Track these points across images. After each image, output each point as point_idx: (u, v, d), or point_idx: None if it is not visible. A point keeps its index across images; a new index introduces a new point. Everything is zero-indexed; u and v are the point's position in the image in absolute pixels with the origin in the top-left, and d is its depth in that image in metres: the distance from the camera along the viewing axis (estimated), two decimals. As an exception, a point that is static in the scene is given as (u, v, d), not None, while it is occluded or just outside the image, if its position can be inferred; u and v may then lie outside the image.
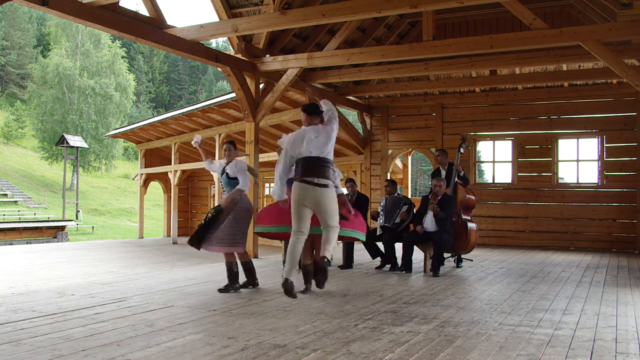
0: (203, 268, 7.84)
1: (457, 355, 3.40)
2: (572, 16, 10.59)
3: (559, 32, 7.70)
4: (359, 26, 10.98)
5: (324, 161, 4.98)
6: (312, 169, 4.92)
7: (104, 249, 16.74)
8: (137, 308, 4.80)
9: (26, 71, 55.35)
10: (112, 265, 12.61)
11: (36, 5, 6.25)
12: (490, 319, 4.49)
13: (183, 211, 22.67)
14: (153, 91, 67.98)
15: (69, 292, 5.63)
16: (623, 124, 11.40)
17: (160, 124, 17.59)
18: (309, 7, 8.74)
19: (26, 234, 26.06)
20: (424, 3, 6.96)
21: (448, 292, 5.84)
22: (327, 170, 4.98)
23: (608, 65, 7.94)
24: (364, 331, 4.01)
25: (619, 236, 11.35)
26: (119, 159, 50.25)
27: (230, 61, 9.14)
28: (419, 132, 13.23)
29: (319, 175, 4.91)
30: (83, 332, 3.92)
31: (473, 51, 8.56)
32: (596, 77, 10.78)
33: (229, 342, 3.66)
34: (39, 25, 62.62)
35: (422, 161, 44.29)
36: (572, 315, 4.66)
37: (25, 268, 12.06)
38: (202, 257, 14.49)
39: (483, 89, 12.46)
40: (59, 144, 35.53)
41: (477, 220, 11.22)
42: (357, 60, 9.34)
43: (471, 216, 7.96)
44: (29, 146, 49.83)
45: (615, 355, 3.46)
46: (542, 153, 12.06)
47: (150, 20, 7.92)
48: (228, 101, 13.16)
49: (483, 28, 11.48)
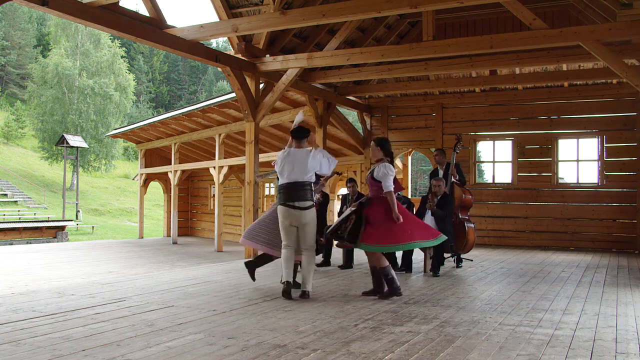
0: (203, 268, 7.84)
1: (457, 355, 3.40)
2: (572, 16, 10.59)
3: (559, 32, 7.70)
4: (359, 26, 10.98)
5: (303, 185, 5.40)
6: (292, 194, 5.37)
7: (104, 249, 16.74)
8: (137, 308, 4.80)
9: (26, 71, 55.32)
10: (112, 265, 12.61)
11: (36, 5, 6.25)
12: (490, 319, 4.49)
13: (183, 211, 22.68)
14: (153, 91, 67.97)
15: (69, 292, 5.63)
16: (623, 124, 11.40)
17: (160, 124, 17.59)
18: (309, 7, 8.74)
19: (26, 234, 26.05)
20: (424, 3, 6.96)
21: (448, 292, 5.84)
22: (307, 193, 5.41)
23: (608, 65, 7.94)
24: (364, 331, 4.01)
25: (619, 236, 11.35)
26: (119, 159, 50.25)
27: (230, 61, 9.14)
28: (419, 132, 13.23)
29: (299, 199, 5.36)
30: (83, 332, 3.92)
31: (473, 51, 8.56)
32: (596, 77, 10.78)
33: (229, 342, 3.66)
34: (39, 25, 62.61)
35: (422, 161, 44.28)
36: (572, 315, 4.66)
37: (25, 268, 12.07)
38: (201, 257, 14.49)
39: (483, 89, 12.46)
40: (59, 144, 35.53)
41: (477, 220, 11.27)
42: (357, 60, 9.34)
43: (469, 216, 7.97)
44: (29, 146, 49.83)
45: (615, 355, 3.46)
46: (542, 153, 12.06)
47: (150, 20, 7.92)
48: (228, 101, 13.17)
49: (483, 28, 11.48)
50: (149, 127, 18.41)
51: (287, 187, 5.39)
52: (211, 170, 16.47)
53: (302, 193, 5.36)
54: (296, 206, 5.33)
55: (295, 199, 5.33)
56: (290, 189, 5.37)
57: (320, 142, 11.80)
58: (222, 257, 14.34)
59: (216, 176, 16.11)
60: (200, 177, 22.40)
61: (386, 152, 5.50)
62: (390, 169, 5.40)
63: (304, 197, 5.36)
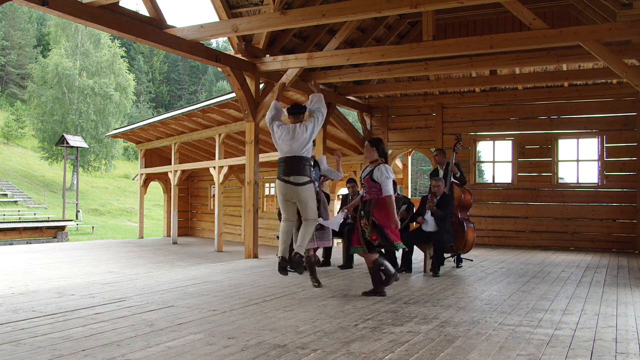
0: (203, 268, 7.84)
1: (457, 355, 3.40)
2: (572, 16, 10.59)
3: (559, 32, 7.70)
4: (359, 26, 10.98)
5: (299, 159, 5.39)
6: (288, 168, 5.39)
7: (104, 249, 16.75)
8: (137, 308, 4.80)
9: (26, 71, 55.31)
10: (112, 265, 12.61)
11: (36, 5, 6.25)
12: (490, 319, 4.49)
13: (183, 211, 22.69)
14: (153, 91, 67.97)
15: (69, 292, 5.63)
16: (623, 124, 11.40)
17: (160, 124, 17.59)
18: (309, 7, 8.74)
19: (26, 234, 26.05)
20: (424, 3, 6.96)
21: (448, 292, 5.84)
22: (303, 168, 5.39)
23: (608, 65, 7.94)
24: (364, 331, 4.01)
25: (619, 236, 11.35)
26: (119, 159, 50.25)
27: (230, 61, 9.14)
28: (419, 132, 13.23)
29: (295, 173, 5.35)
30: (83, 332, 3.91)
31: (473, 51, 8.56)
32: (596, 77, 10.78)
33: (229, 342, 3.66)
34: (39, 25, 62.61)
35: (422, 161, 44.29)
36: (572, 315, 4.66)
37: (25, 268, 12.07)
38: (201, 257, 14.49)
39: (483, 89, 12.46)
40: (59, 144, 35.52)
41: (477, 220, 11.27)
42: (357, 60, 9.34)
43: (469, 216, 7.97)
44: (29, 146, 49.83)
45: (615, 355, 3.46)
46: (542, 153, 12.06)
47: (150, 20, 7.92)
48: (228, 101, 13.17)
49: (483, 28, 11.48)
50: (149, 127, 18.41)
51: (283, 162, 5.43)
52: (211, 170, 16.47)
53: (297, 167, 5.36)
54: (291, 181, 5.35)
55: (290, 173, 5.35)
56: (286, 164, 5.40)
57: (320, 142, 11.81)
58: (222, 257, 14.34)
59: (216, 176, 16.11)
60: (200, 177, 22.41)
61: (381, 152, 5.49)
62: (391, 172, 5.41)
63: (298, 172, 5.36)
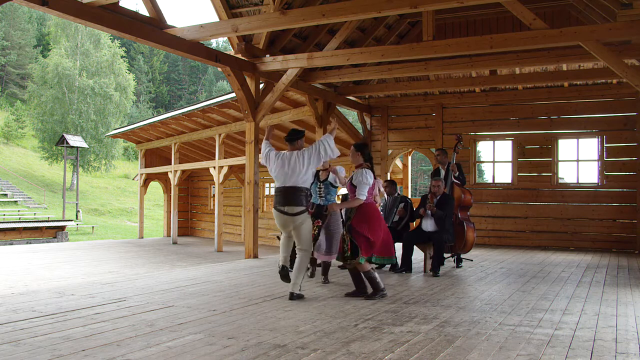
0: (203, 268, 7.84)
1: (457, 355, 3.40)
2: (572, 16, 10.59)
3: (559, 32, 7.70)
4: (359, 26, 10.98)
5: (294, 190, 5.33)
6: (283, 198, 5.35)
7: (104, 249, 16.75)
8: (137, 308, 4.80)
9: (26, 71, 55.33)
10: (112, 265, 12.62)
11: (36, 5, 6.25)
12: (490, 319, 4.49)
13: (183, 211, 22.69)
14: (153, 91, 67.98)
15: (69, 292, 5.63)
16: (623, 124, 11.40)
17: (160, 124, 17.60)
18: (309, 7, 8.74)
19: (26, 234, 26.05)
20: (424, 3, 6.96)
21: (448, 292, 5.84)
22: (299, 198, 5.32)
23: (608, 65, 7.93)
24: (364, 331, 4.01)
25: (619, 236, 11.35)
26: (119, 159, 50.24)
27: (230, 61, 9.14)
28: (419, 132, 13.23)
29: (290, 203, 5.30)
30: (83, 332, 3.91)
31: (473, 51, 8.55)
32: (596, 77, 10.77)
33: (229, 342, 3.66)
34: (39, 25, 62.60)
35: (422, 161, 44.29)
36: (572, 315, 4.66)
37: (25, 268, 12.08)
38: (201, 257, 14.50)
39: (483, 89, 12.46)
40: (59, 144, 35.53)
41: (477, 220, 11.27)
42: (357, 60, 9.33)
43: (469, 215, 7.96)
44: (29, 146, 49.83)
45: (615, 355, 3.46)
46: (542, 153, 12.06)
47: (150, 20, 7.92)
48: (228, 101, 13.18)
49: (483, 28, 11.48)
50: (149, 127, 18.42)
51: (280, 192, 5.41)
52: (211, 170, 16.48)
53: (292, 198, 5.29)
54: (285, 211, 5.31)
55: (284, 203, 5.31)
56: (282, 194, 5.36)
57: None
58: (222, 257, 14.34)
59: (216, 176, 16.11)
60: (200, 177, 22.41)
61: (366, 157, 5.47)
62: (369, 177, 5.34)
63: (294, 202, 5.28)
